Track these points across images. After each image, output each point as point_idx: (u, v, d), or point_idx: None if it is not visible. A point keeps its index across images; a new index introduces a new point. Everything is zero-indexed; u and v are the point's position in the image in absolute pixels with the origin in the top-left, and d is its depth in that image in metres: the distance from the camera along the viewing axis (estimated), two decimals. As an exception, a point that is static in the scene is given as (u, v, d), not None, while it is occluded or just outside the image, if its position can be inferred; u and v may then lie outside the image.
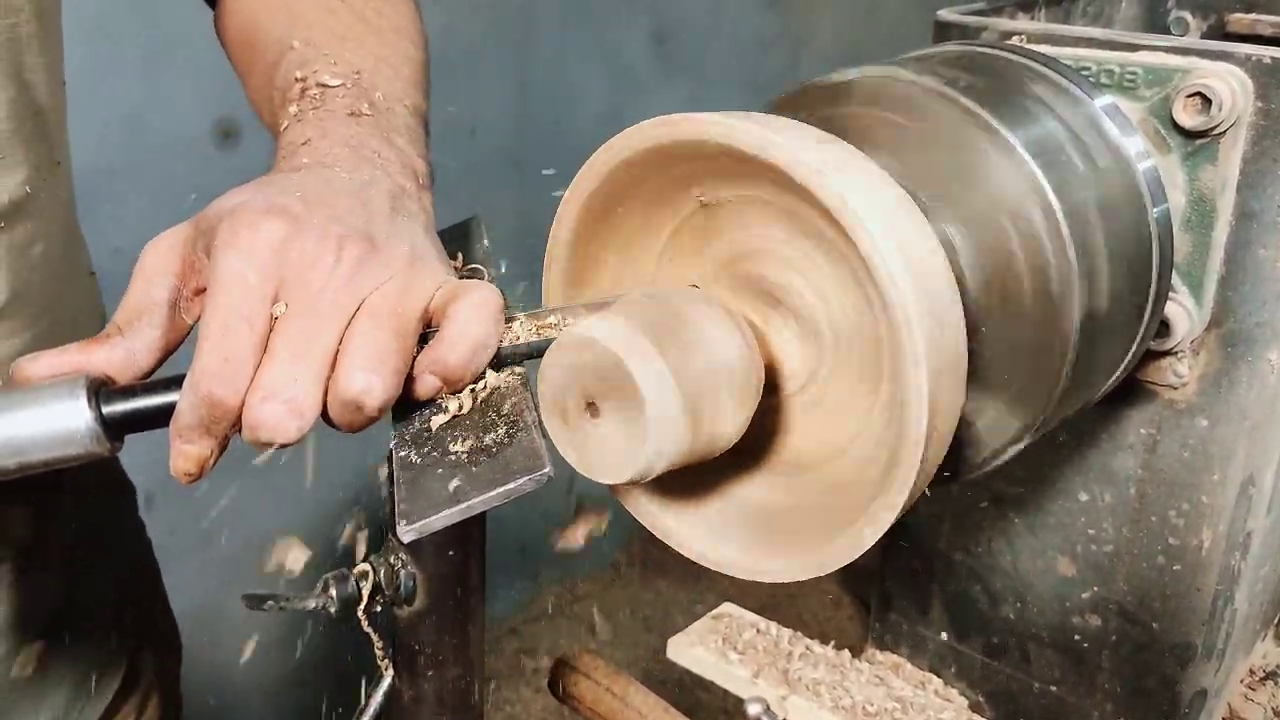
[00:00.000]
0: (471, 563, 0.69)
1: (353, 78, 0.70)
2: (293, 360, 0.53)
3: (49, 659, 0.81)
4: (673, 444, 0.54)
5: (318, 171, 0.61)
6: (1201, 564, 0.83)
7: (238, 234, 0.54)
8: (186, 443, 0.54)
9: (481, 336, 0.56)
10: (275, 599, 0.67)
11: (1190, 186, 0.75)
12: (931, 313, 0.54)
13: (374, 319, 0.55)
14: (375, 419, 0.56)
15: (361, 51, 0.73)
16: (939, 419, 0.54)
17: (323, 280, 0.54)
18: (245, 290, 0.53)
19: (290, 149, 0.65)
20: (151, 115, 1.74)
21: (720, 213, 0.63)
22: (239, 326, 0.53)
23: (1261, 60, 0.72)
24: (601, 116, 2.51)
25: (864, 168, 0.57)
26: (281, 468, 2.01)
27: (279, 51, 0.74)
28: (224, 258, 0.54)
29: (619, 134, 0.60)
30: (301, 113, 0.68)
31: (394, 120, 0.70)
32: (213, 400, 0.53)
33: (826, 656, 0.98)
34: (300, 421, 0.53)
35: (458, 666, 0.71)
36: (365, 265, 0.56)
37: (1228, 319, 0.77)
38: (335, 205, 0.58)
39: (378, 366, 0.54)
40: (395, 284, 0.56)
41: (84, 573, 0.85)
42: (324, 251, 0.55)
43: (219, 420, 0.53)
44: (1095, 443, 0.86)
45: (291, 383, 0.53)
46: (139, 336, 0.57)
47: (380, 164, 0.64)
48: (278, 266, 0.54)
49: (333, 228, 0.56)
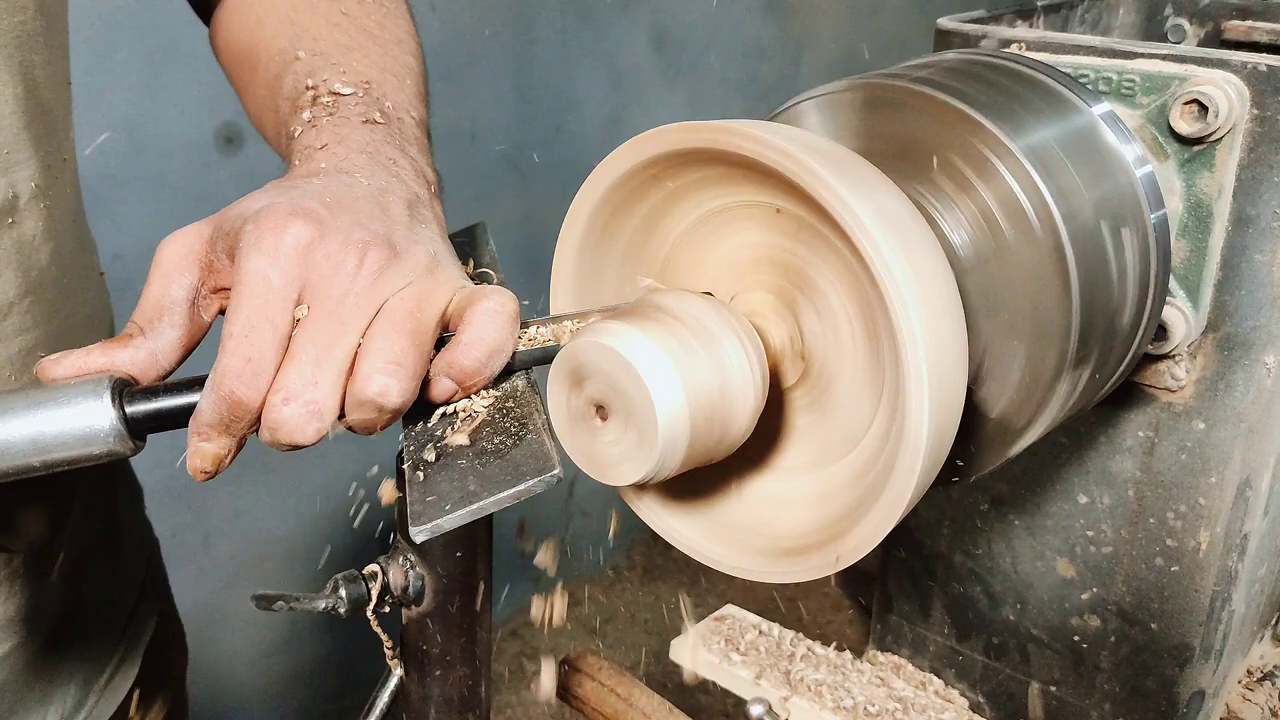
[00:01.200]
0: (479, 564, 0.70)
1: (363, 86, 0.71)
2: (315, 363, 0.54)
3: (59, 656, 0.81)
4: (679, 453, 0.55)
5: (338, 177, 0.62)
6: (1199, 565, 0.84)
7: (263, 236, 0.55)
8: (205, 440, 0.55)
9: (497, 341, 0.57)
10: (285, 599, 0.68)
11: (1187, 192, 0.76)
12: (936, 334, 0.54)
13: (393, 323, 0.56)
14: (390, 421, 0.57)
15: (368, 62, 0.74)
16: (939, 429, 0.55)
17: (346, 285, 0.55)
18: (269, 292, 0.54)
19: (307, 153, 0.66)
20: (154, 120, 1.74)
21: (736, 214, 0.64)
22: (262, 328, 0.54)
23: (1258, 68, 0.73)
24: (602, 121, 2.51)
25: (873, 178, 0.58)
26: (282, 472, 2.01)
27: (283, 63, 0.75)
28: (249, 259, 0.55)
29: (633, 138, 0.61)
30: (315, 118, 0.68)
31: (405, 130, 0.71)
32: (234, 400, 0.54)
33: (828, 658, 0.99)
34: (319, 424, 0.54)
35: (465, 666, 0.71)
36: (386, 271, 0.56)
37: (1224, 323, 0.78)
38: (358, 210, 0.58)
39: (395, 369, 0.55)
40: (414, 289, 0.57)
41: (95, 572, 0.85)
42: (348, 256, 0.56)
43: (239, 420, 0.54)
44: (1094, 445, 0.87)
45: (313, 385, 0.54)
46: (161, 337, 0.58)
47: (396, 171, 0.65)
48: (302, 269, 0.55)
49: (356, 233, 0.57)
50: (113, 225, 1.62)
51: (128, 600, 0.91)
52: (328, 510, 2.06)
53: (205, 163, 1.82)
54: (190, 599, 1.82)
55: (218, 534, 1.93)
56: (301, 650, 2.16)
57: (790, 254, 0.63)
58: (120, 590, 0.90)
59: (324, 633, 2.19)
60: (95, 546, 0.85)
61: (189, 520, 1.86)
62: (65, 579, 0.81)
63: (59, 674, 0.82)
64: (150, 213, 1.72)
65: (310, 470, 1.99)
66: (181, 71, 1.75)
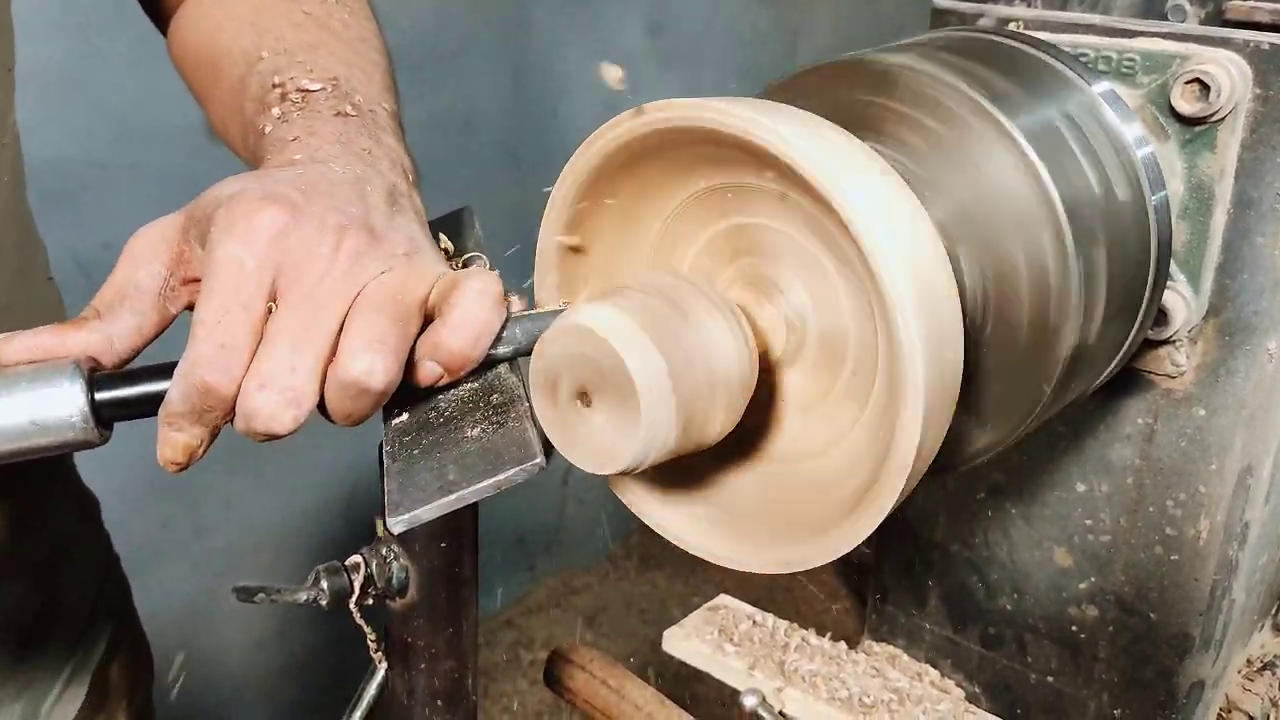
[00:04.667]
0: (464, 554, 0.69)
1: (331, 83, 0.70)
2: (291, 348, 0.52)
3: (12, 668, 0.79)
4: (664, 440, 0.54)
5: (313, 166, 0.61)
6: (1199, 554, 0.83)
7: (235, 221, 0.53)
8: (175, 430, 0.54)
9: (483, 323, 0.55)
10: (266, 591, 0.67)
11: (1189, 174, 0.74)
12: (934, 339, 0.53)
13: (373, 305, 0.54)
14: (372, 409, 0.55)
15: (334, 59, 0.72)
16: (929, 433, 0.54)
17: (322, 269, 0.54)
18: (242, 277, 0.53)
19: (279, 145, 0.64)
20: (141, 109, 1.72)
21: (728, 198, 0.62)
22: (236, 313, 0.52)
23: (1260, 46, 0.71)
24: (597, 107, 2.50)
25: (871, 167, 0.56)
26: (275, 463, 2.00)
27: (247, 64, 0.73)
28: (221, 244, 0.53)
29: (614, 119, 0.60)
30: (286, 114, 0.67)
31: (378, 120, 0.69)
32: (206, 387, 0.52)
33: (823, 648, 0.98)
34: (297, 411, 0.52)
35: (451, 658, 0.70)
36: (364, 255, 0.55)
37: (1226, 308, 0.77)
38: (335, 196, 0.57)
39: (379, 348, 0.53)
40: (395, 275, 0.55)
41: (56, 583, 0.83)
42: (323, 240, 0.54)
43: (212, 408, 0.53)
44: (1093, 433, 0.86)
45: (289, 371, 0.52)
46: (118, 321, 0.56)
47: (371, 161, 0.63)
48: (276, 254, 0.53)
49: (332, 217, 0.55)
50: (100, 214, 1.60)
51: (89, 613, 0.89)
52: (321, 501, 2.05)
53: (194, 151, 1.80)
54: (182, 591, 1.81)
55: (209, 525, 1.92)
56: (295, 641, 2.16)
57: (771, 231, 0.61)
58: (81, 603, 0.88)
59: (318, 623, 2.18)
60: (56, 559, 0.83)
61: (180, 512, 1.84)
62: (27, 591, 0.79)
63: (8, 686, 0.80)
64: (139, 201, 1.70)
65: (303, 460, 1.98)
66: (169, 59, 1.73)
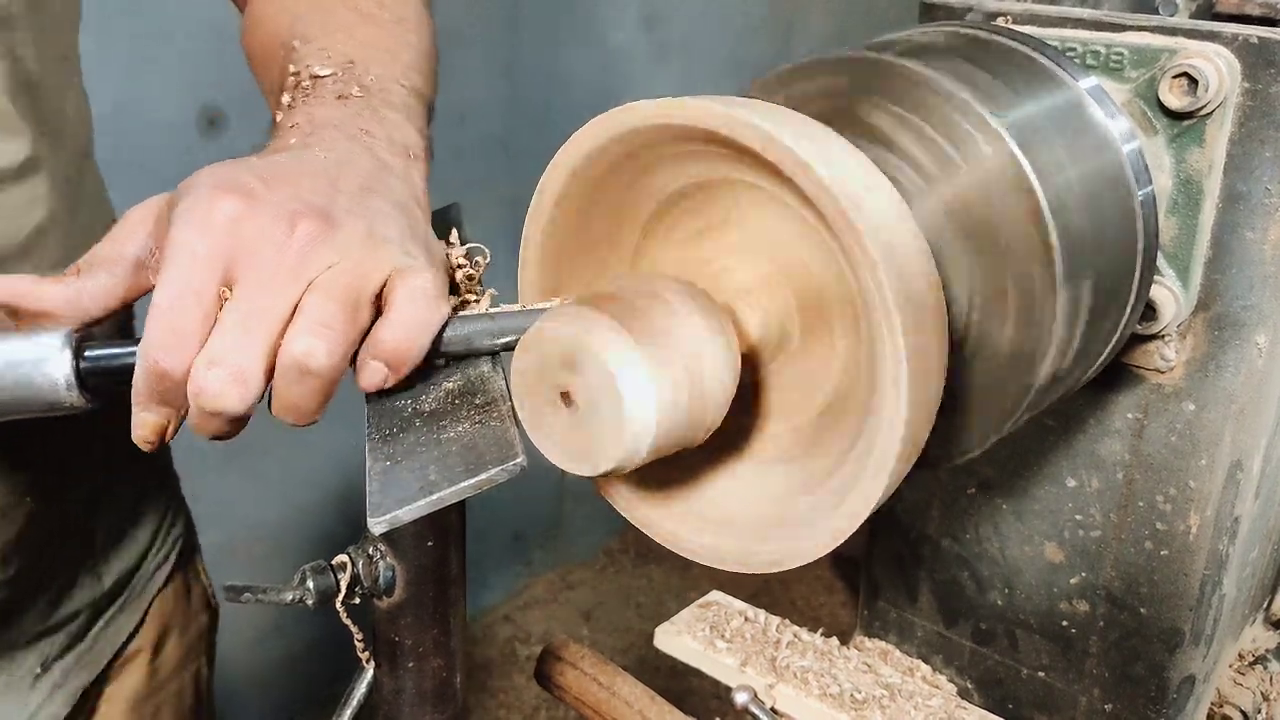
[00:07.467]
0: (451, 553, 0.68)
1: (345, 66, 0.72)
2: (239, 330, 0.54)
3: None
4: (649, 439, 0.54)
5: (293, 153, 0.63)
6: (1189, 549, 0.83)
7: (192, 209, 0.55)
8: (145, 410, 0.56)
9: (418, 322, 0.56)
10: (252, 591, 0.67)
11: (1177, 169, 0.74)
12: (918, 327, 0.53)
13: (324, 290, 0.55)
14: (318, 400, 0.56)
15: (353, 42, 0.76)
16: (916, 429, 0.54)
17: (275, 255, 0.55)
18: (194, 263, 0.54)
19: (280, 132, 0.67)
20: (137, 104, 1.72)
21: (713, 193, 0.62)
22: (186, 298, 0.54)
23: (1249, 40, 0.71)
24: (592, 101, 2.49)
25: (850, 156, 0.56)
26: (272, 458, 2.00)
27: (284, 56, 0.77)
28: (176, 231, 0.55)
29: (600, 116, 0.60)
30: (293, 101, 0.70)
31: (389, 97, 0.71)
32: (159, 370, 0.54)
33: (814, 644, 0.98)
34: (243, 389, 0.53)
35: (439, 657, 0.70)
36: (317, 243, 0.56)
37: (1215, 302, 0.77)
38: (299, 184, 0.58)
39: (323, 331, 0.54)
40: (347, 264, 0.56)
41: None
42: (277, 228, 0.55)
43: (169, 390, 0.54)
44: (1082, 428, 0.86)
45: (236, 350, 0.53)
46: (91, 279, 0.58)
47: (364, 141, 0.65)
48: (230, 242, 0.55)
49: (288, 205, 0.56)
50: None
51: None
52: (317, 497, 2.05)
53: (188, 145, 1.81)
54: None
55: (205, 521, 1.91)
56: (293, 636, 2.16)
57: (756, 230, 0.61)
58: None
59: (316, 618, 2.18)
60: None
61: (175, 507, 1.84)
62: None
63: None
64: (134, 194, 1.70)
65: (299, 456, 1.98)
66: (165, 53, 1.73)
